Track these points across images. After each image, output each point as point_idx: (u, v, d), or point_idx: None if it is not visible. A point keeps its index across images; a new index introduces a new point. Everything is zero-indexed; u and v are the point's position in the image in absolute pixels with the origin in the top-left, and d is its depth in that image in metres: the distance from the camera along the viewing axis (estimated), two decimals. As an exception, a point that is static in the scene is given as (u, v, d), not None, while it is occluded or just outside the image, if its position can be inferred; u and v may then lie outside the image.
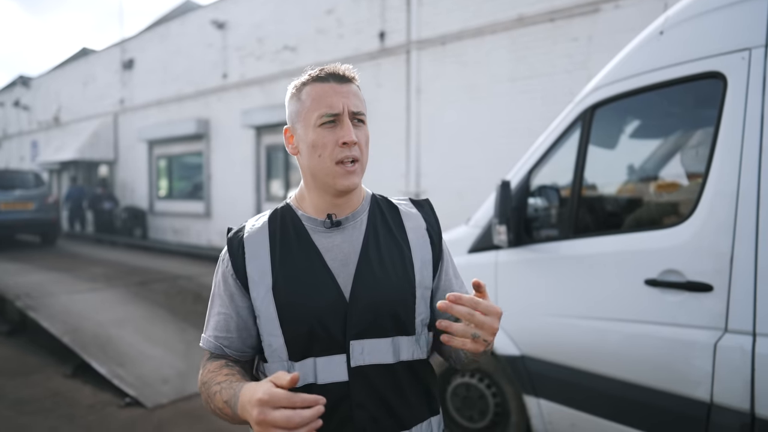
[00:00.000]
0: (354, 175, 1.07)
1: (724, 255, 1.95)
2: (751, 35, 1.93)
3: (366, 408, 1.06)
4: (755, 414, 1.88)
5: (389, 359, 1.09)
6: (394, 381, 1.09)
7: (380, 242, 1.13)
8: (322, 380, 1.05)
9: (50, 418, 3.63)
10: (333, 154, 1.05)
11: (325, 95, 1.06)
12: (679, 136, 2.43)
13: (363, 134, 1.09)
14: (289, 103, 1.12)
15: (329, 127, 1.05)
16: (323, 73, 1.08)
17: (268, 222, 1.15)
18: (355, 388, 1.05)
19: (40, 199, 11.39)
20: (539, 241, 2.64)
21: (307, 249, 1.10)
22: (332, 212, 1.12)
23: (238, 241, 1.13)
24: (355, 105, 1.07)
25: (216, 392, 1.03)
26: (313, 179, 1.11)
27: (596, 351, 2.38)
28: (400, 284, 1.11)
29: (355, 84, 1.11)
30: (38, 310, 5.64)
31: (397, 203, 1.23)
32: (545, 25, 6.42)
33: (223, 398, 1.00)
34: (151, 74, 13.31)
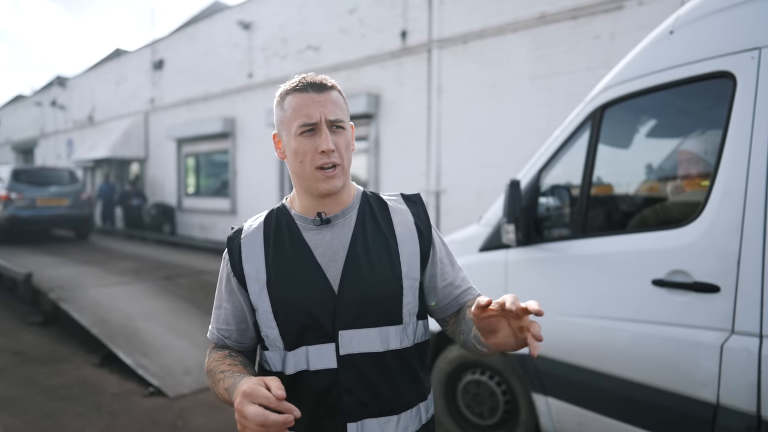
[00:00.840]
0: (334, 179, 1.13)
1: (731, 256, 1.94)
2: (761, 35, 1.92)
3: (354, 394, 1.12)
4: (762, 416, 1.87)
5: (378, 348, 1.14)
6: (382, 368, 1.15)
7: (368, 237, 1.18)
8: (314, 367, 1.13)
9: (78, 404, 3.79)
10: (313, 160, 1.11)
11: (303, 105, 1.11)
12: (688, 136, 2.42)
13: (342, 139, 1.14)
14: (275, 111, 1.19)
15: (308, 136, 1.11)
16: (301, 84, 1.14)
17: (264, 222, 1.23)
18: (343, 375, 1.12)
19: (75, 196, 11.78)
20: (549, 241, 2.65)
21: (298, 246, 1.17)
22: (322, 211, 1.18)
23: (237, 240, 1.21)
24: (333, 113, 1.12)
25: (219, 379, 1.11)
26: (299, 183, 1.18)
27: (604, 350, 2.39)
28: (386, 277, 1.16)
29: (335, 91, 1.16)
30: (70, 302, 5.86)
31: (387, 199, 1.28)
32: (567, 22, 6.36)
33: (225, 386, 1.08)
34: (180, 74, 13.61)
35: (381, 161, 8.84)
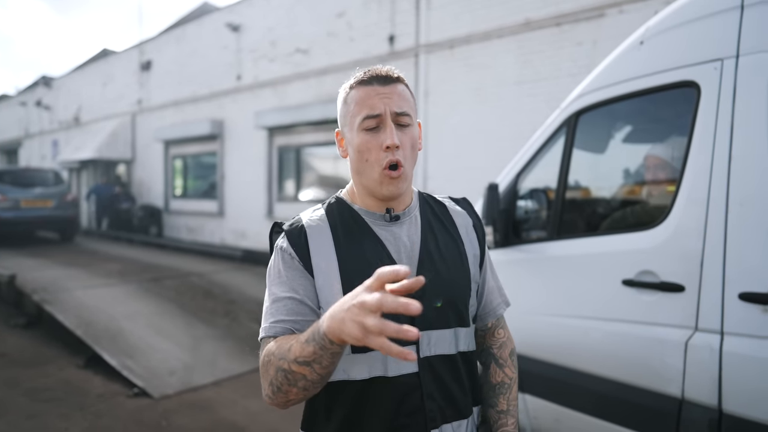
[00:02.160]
0: (399, 181, 1.07)
1: (695, 257, 2.02)
2: (724, 46, 2.01)
3: (434, 399, 1.07)
4: (722, 410, 1.96)
5: (451, 350, 1.11)
6: (454, 371, 1.11)
7: (437, 236, 1.15)
8: (393, 372, 1.05)
9: (62, 406, 3.80)
10: (379, 159, 1.05)
11: (367, 97, 1.06)
12: (657, 143, 2.51)
13: (407, 137, 1.08)
14: (339, 107, 1.14)
15: (373, 132, 1.06)
16: (366, 76, 1.08)
17: (326, 214, 1.14)
18: (425, 378, 1.06)
19: (60, 197, 11.70)
20: (527, 242, 2.73)
21: (372, 241, 1.10)
22: (389, 207, 1.13)
23: (299, 230, 1.10)
24: (398, 105, 1.06)
25: (291, 344, 0.94)
26: (361, 182, 1.12)
27: (579, 349, 2.47)
28: (459, 277, 1.15)
29: (401, 84, 1.10)
30: (54, 303, 5.85)
31: (442, 200, 1.26)
32: (551, 29, 6.48)
33: (302, 339, 0.91)
34: (168, 75, 13.59)
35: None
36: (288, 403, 0.98)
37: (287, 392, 0.95)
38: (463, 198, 1.30)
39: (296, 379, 0.92)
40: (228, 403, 3.88)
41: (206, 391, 4.08)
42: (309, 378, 0.91)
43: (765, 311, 1.85)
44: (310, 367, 0.90)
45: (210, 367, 4.51)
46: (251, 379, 4.34)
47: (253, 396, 3.98)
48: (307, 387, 0.93)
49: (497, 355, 1.29)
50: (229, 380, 4.31)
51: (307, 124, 9.93)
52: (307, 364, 0.90)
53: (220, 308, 6.21)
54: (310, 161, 10.80)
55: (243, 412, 3.73)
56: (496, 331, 1.31)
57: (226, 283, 7.45)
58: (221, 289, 7.07)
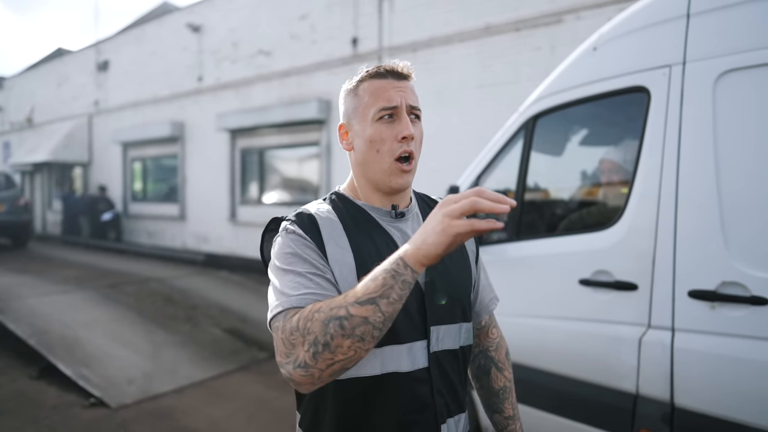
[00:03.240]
0: (409, 174, 1.08)
1: (647, 256, 2.10)
2: (671, 53, 2.09)
3: (443, 394, 1.08)
4: (674, 404, 2.03)
5: (455, 344, 1.12)
6: (456, 365, 1.13)
7: None
8: (405, 367, 1.04)
9: (14, 418, 3.65)
10: (392, 149, 1.05)
11: (383, 90, 1.07)
12: (611, 146, 2.59)
13: (419, 131, 1.10)
14: (345, 100, 1.13)
15: (387, 122, 1.06)
16: (382, 70, 1.09)
17: (332, 208, 1.12)
18: (434, 373, 1.07)
19: (11, 201, 11.27)
20: (488, 244, 2.78)
21: (383, 236, 1.09)
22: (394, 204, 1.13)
23: (309, 219, 1.06)
24: (413, 100, 1.08)
25: (347, 294, 0.89)
26: (366, 176, 1.11)
27: (538, 348, 2.52)
28: (463, 273, 1.17)
29: (411, 81, 1.12)
30: (5, 312, 5.62)
31: (437, 199, 1.27)
32: (511, 34, 6.61)
33: (363, 281, 0.88)
34: (127, 76, 13.23)
35: (333, 167, 8.88)
36: (329, 369, 0.87)
37: (337, 348, 0.85)
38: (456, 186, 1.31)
39: (354, 325, 0.85)
40: (190, 411, 3.79)
41: (167, 399, 3.99)
42: (371, 320, 0.85)
43: (712, 308, 1.93)
44: (374, 305, 0.85)
45: (171, 375, 4.40)
46: (214, 385, 4.26)
47: (216, 403, 3.91)
48: (364, 336, 0.85)
49: (496, 359, 1.32)
50: (191, 387, 4.22)
51: (270, 126, 9.83)
52: (371, 302, 0.85)
53: (182, 314, 6.08)
54: (274, 164, 10.69)
55: (205, 420, 3.66)
56: (490, 330, 1.33)
57: (188, 289, 7.29)
58: (182, 295, 6.92)
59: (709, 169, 1.95)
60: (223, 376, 4.45)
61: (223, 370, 4.55)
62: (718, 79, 1.96)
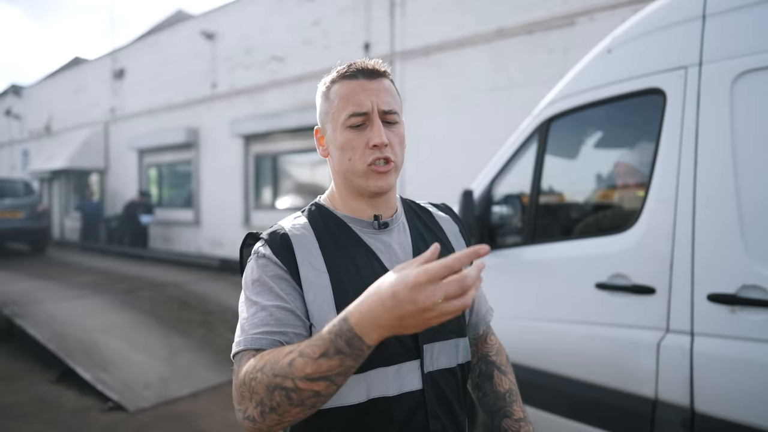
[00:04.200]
0: (387, 175, 1.00)
1: (664, 259, 2.07)
2: (688, 54, 2.07)
3: (439, 418, 1.00)
4: (695, 409, 2.00)
5: (452, 362, 1.04)
6: (454, 386, 1.05)
7: (428, 243, 1.09)
8: (395, 391, 0.95)
9: (33, 422, 3.70)
10: (363, 157, 0.98)
11: (353, 93, 0.99)
12: (626, 148, 2.57)
13: (395, 134, 1.02)
14: (319, 102, 1.06)
15: (358, 129, 0.99)
16: (351, 70, 1.01)
17: (309, 223, 1.04)
18: (429, 396, 0.98)
19: (30, 208, 11.45)
20: (503, 247, 2.76)
21: (363, 251, 1.02)
22: (376, 213, 1.05)
23: (282, 239, 0.99)
24: (386, 102, 1.00)
25: (291, 358, 0.80)
26: (345, 182, 1.04)
27: (553, 352, 2.50)
28: None
29: (387, 79, 1.03)
30: (25, 317, 5.70)
31: (425, 206, 1.21)
32: (523, 37, 6.59)
33: (311, 353, 0.78)
34: (142, 84, 13.41)
35: (346, 171, 8.91)
36: (277, 426, 0.84)
37: (284, 413, 0.81)
38: (443, 204, 1.25)
39: (303, 397, 0.79)
40: (206, 415, 3.82)
41: (183, 403, 4.02)
42: (323, 393, 0.80)
43: (732, 312, 1.91)
44: (328, 381, 0.78)
45: (187, 379, 4.44)
46: (230, 389, 4.28)
47: (232, 407, 3.92)
48: (316, 404, 0.81)
49: (497, 362, 1.25)
50: (207, 391, 4.25)
51: (283, 132, 9.89)
52: (324, 379, 0.78)
53: (197, 318, 6.13)
54: (287, 169, 10.75)
55: (221, 424, 3.69)
56: (488, 338, 1.29)
57: (203, 293, 7.35)
58: (198, 299, 6.97)
59: (727, 171, 1.92)
60: (239, 380, 4.47)
61: (238, 374, 4.57)
62: (736, 80, 1.94)
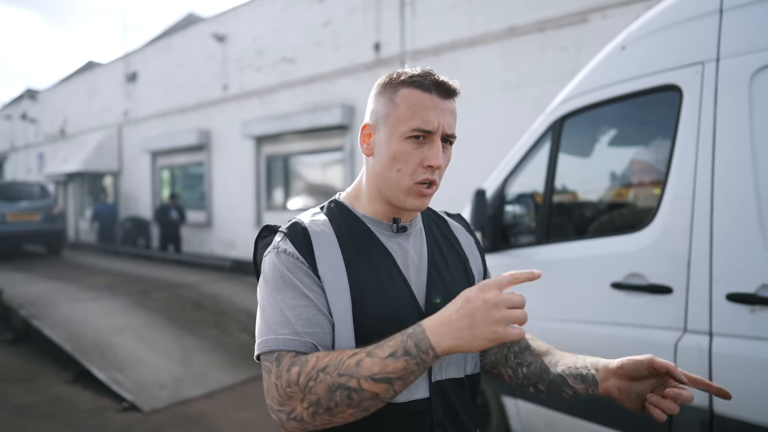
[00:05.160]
0: (427, 198, 1.00)
1: (681, 258, 2.04)
2: (704, 50, 2.04)
3: (445, 427, 0.99)
4: (713, 410, 1.97)
5: (461, 372, 1.04)
6: (463, 396, 1.04)
7: (443, 251, 1.09)
8: (402, 397, 0.94)
9: (50, 422, 3.74)
10: (414, 173, 0.96)
11: (423, 107, 0.95)
12: (642, 146, 2.54)
13: (446, 158, 1.00)
14: (377, 100, 1.01)
15: (417, 143, 0.96)
16: (428, 81, 0.96)
17: (329, 220, 1.03)
18: (435, 405, 0.98)
19: (46, 210, 11.57)
20: (516, 247, 2.74)
21: (381, 253, 1.01)
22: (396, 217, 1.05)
23: (301, 233, 0.98)
24: (450, 126, 0.97)
25: (359, 359, 0.82)
26: (379, 188, 1.02)
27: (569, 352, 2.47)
28: None
29: (455, 100, 1.01)
30: (41, 318, 5.76)
31: (441, 214, 1.20)
32: (535, 35, 6.54)
33: (381, 353, 0.82)
34: (154, 86, 13.53)
35: (356, 172, 8.91)
36: (324, 426, 0.86)
37: (337, 414, 0.83)
38: (458, 214, 1.24)
39: (363, 398, 0.82)
40: (220, 415, 3.84)
41: (197, 404, 4.04)
42: (381, 396, 0.82)
43: (752, 311, 1.87)
44: (389, 384, 0.81)
45: (201, 379, 4.46)
46: (244, 390, 4.30)
47: (246, 407, 3.94)
48: (370, 408, 0.83)
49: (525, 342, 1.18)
50: (221, 392, 4.26)
51: (294, 133, 9.92)
52: (386, 381, 0.81)
53: (210, 319, 6.16)
54: (299, 170, 10.78)
55: (236, 424, 3.70)
56: None
57: (216, 294, 7.39)
58: (211, 300, 7.01)
59: (746, 168, 1.89)
60: (253, 380, 4.48)
61: (252, 374, 4.59)
62: (755, 75, 1.90)
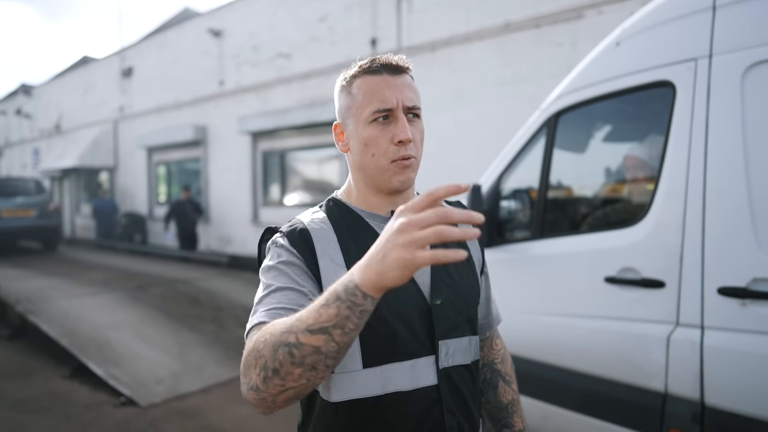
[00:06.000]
0: (409, 170, 1.01)
1: (674, 252, 2.07)
2: (697, 46, 2.06)
3: (454, 413, 1.00)
4: (705, 403, 2.00)
5: (467, 359, 1.05)
6: (469, 382, 1.06)
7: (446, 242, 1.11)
8: (410, 386, 0.96)
9: (48, 417, 3.76)
10: (387, 153, 0.98)
11: (377, 89, 0.98)
12: (635, 142, 2.56)
13: (418, 130, 1.03)
14: (339, 97, 1.06)
15: (382, 124, 0.98)
16: (375, 65, 1.00)
17: (328, 217, 1.05)
18: (444, 392, 0.99)
19: (41, 206, 11.55)
20: (511, 242, 2.76)
21: None
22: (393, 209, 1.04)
23: (300, 233, 1.00)
24: (410, 99, 1.00)
25: (298, 314, 0.79)
26: (365, 178, 1.04)
27: (563, 346, 2.50)
28: (470, 284, 1.10)
29: (409, 75, 1.04)
30: (38, 314, 5.77)
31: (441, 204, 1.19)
32: (531, 31, 6.55)
33: (317, 304, 0.77)
34: (150, 82, 13.48)
35: (353, 167, 8.93)
36: (281, 395, 0.80)
37: (286, 376, 0.77)
38: (458, 201, 1.24)
39: (304, 354, 0.75)
40: (216, 410, 3.86)
41: (194, 398, 4.06)
42: (323, 350, 0.75)
43: (743, 305, 1.90)
44: (327, 335, 0.74)
45: (197, 374, 4.48)
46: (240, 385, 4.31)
47: (242, 402, 3.96)
48: (316, 365, 0.76)
49: (502, 372, 1.26)
50: (217, 386, 4.28)
51: (290, 129, 9.91)
52: (323, 331, 0.74)
53: (207, 315, 6.17)
54: (295, 165, 10.77)
55: (231, 419, 3.72)
56: (494, 341, 1.28)
57: (213, 290, 7.40)
58: (207, 296, 7.02)
59: (738, 163, 1.91)
60: (249, 375, 4.50)
61: (248, 369, 4.61)
62: (747, 71, 1.92)
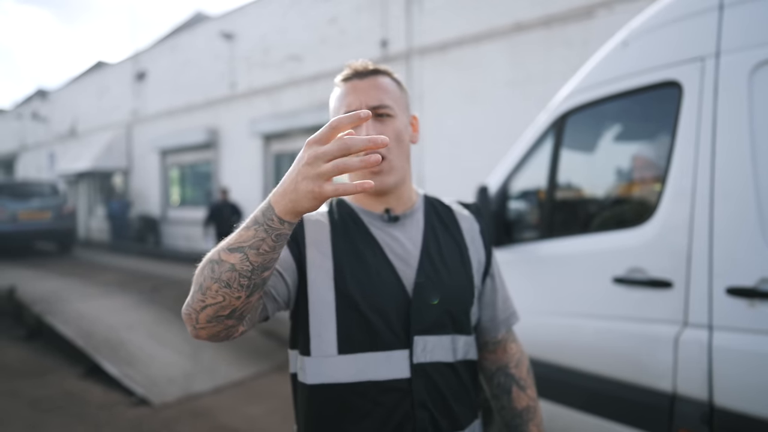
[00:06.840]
0: (381, 175, 1.03)
1: (682, 252, 2.06)
2: (704, 45, 2.05)
3: (427, 408, 1.02)
4: (713, 404, 1.98)
5: (450, 357, 1.07)
6: (453, 380, 1.07)
7: (440, 240, 1.11)
8: (382, 376, 1.00)
9: (63, 416, 3.82)
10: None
11: (345, 95, 1.05)
12: (643, 142, 2.55)
13: (389, 128, 1.04)
14: (331, 106, 1.13)
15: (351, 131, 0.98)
16: (346, 73, 1.08)
17: (328, 211, 1.11)
18: (417, 386, 1.01)
19: (57, 209, 11.73)
20: (518, 243, 2.77)
21: (368, 241, 1.06)
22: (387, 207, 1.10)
23: None
24: (375, 98, 1.03)
25: (224, 240, 0.84)
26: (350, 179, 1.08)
27: (570, 346, 2.50)
28: (461, 283, 1.11)
29: (381, 75, 1.07)
30: (54, 315, 5.86)
31: (449, 204, 1.22)
32: (541, 30, 6.54)
33: (241, 227, 0.82)
34: (163, 85, 13.63)
35: (364, 168, 8.94)
36: (202, 312, 0.84)
37: (206, 291, 0.82)
38: (474, 203, 1.27)
39: (222, 270, 0.80)
40: (228, 410, 3.89)
41: (206, 398, 4.10)
42: (238, 268, 0.79)
43: (751, 305, 1.88)
44: (242, 254, 0.79)
45: (210, 374, 4.53)
46: (251, 385, 4.36)
47: (254, 402, 4.00)
48: (230, 282, 0.80)
49: (517, 376, 1.24)
50: (229, 386, 4.33)
51: (301, 130, 9.97)
52: (239, 250, 0.79)
53: (219, 316, 6.22)
54: (306, 167, 10.81)
55: (243, 418, 3.75)
56: (508, 345, 1.26)
57: (225, 291, 7.45)
58: (220, 297, 7.07)
59: (745, 163, 1.90)
60: (260, 375, 4.54)
61: (259, 369, 4.65)
62: (754, 70, 1.91)
